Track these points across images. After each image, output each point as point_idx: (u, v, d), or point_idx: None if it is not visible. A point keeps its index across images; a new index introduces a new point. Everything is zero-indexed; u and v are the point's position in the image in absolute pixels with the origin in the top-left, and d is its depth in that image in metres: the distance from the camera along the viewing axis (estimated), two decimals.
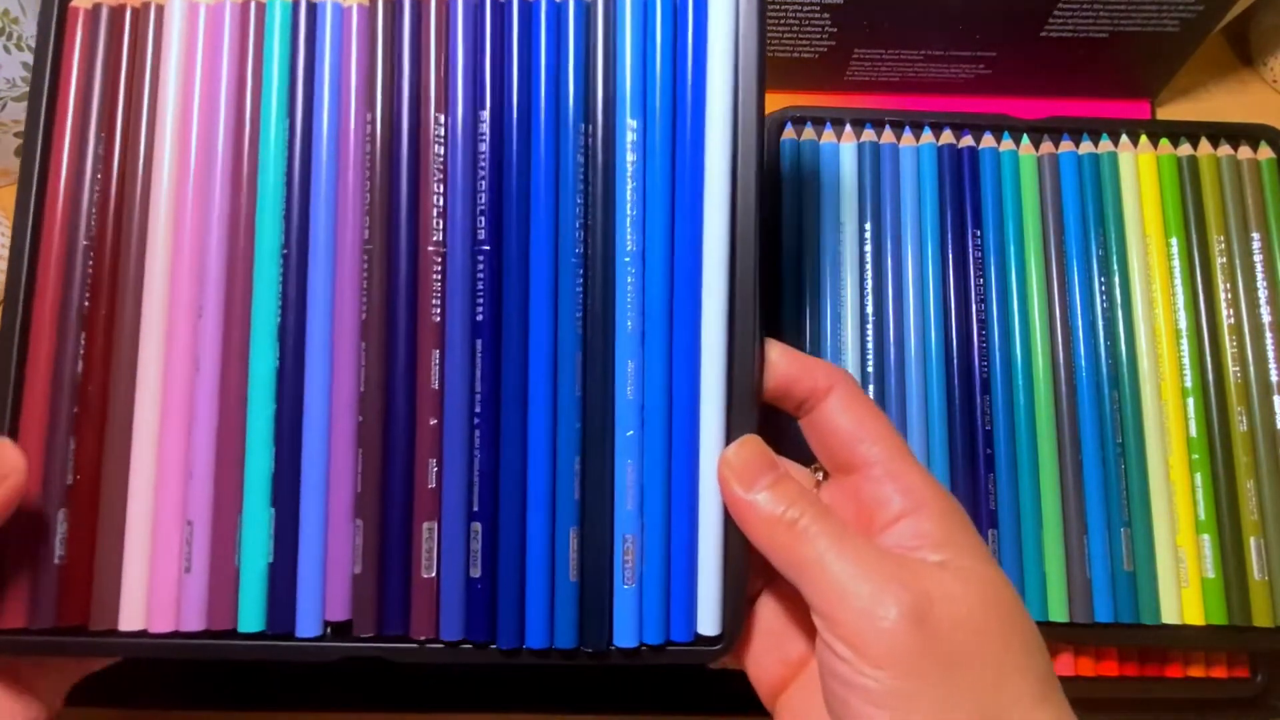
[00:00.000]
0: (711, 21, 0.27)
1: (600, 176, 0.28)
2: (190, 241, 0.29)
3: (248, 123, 0.29)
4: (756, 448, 0.26)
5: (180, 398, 0.29)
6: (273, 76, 0.29)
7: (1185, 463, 0.36)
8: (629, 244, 0.27)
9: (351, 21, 0.29)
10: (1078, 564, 0.35)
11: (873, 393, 0.36)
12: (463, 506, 0.28)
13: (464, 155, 0.28)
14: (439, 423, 0.28)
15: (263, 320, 0.28)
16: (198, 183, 0.29)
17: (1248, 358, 0.37)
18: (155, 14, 0.30)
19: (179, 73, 0.29)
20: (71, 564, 0.28)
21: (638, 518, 0.28)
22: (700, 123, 0.27)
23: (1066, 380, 0.36)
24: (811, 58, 0.45)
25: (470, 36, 0.28)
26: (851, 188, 0.38)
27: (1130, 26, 0.43)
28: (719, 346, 0.27)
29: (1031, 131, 0.40)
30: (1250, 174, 0.39)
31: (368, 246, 0.28)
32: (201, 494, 0.28)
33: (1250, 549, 0.35)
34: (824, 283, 0.37)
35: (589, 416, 0.28)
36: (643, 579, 0.28)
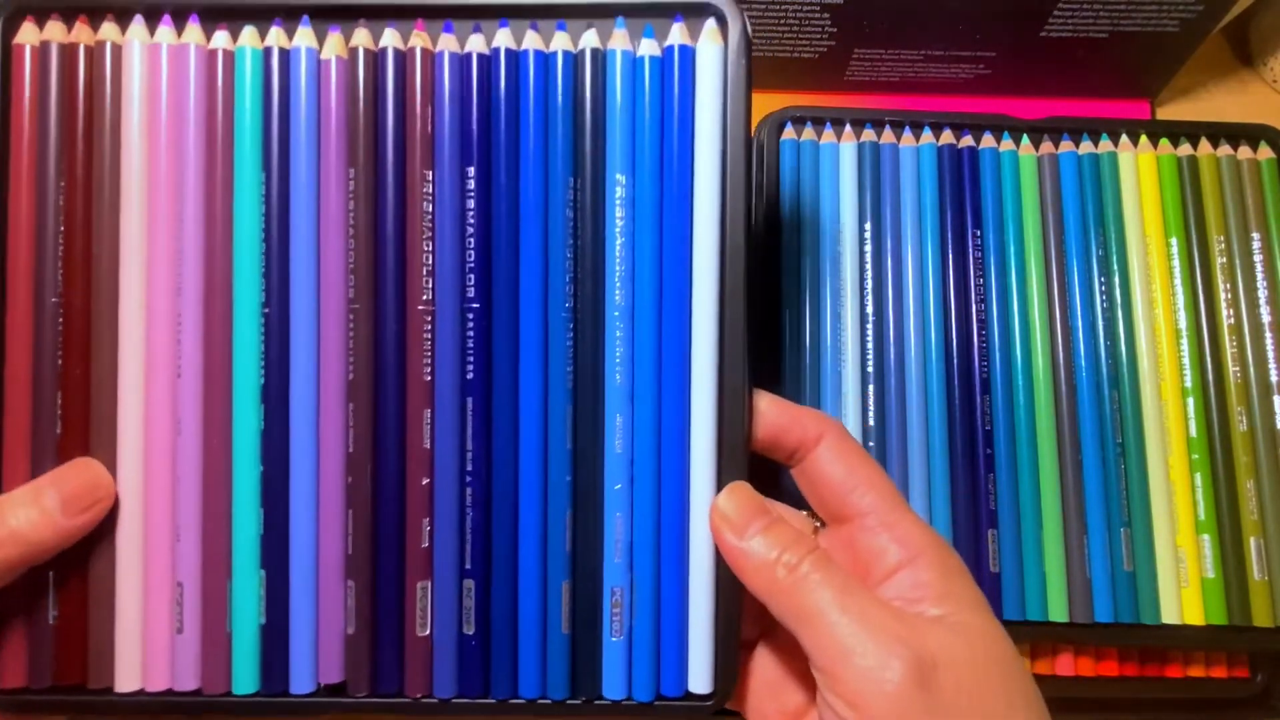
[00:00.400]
0: (700, 73, 0.27)
1: (589, 232, 0.28)
2: (164, 300, 0.28)
3: (220, 177, 0.28)
4: (746, 494, 0.26)
5: (162, 460, 0.28)
6: (245, 131, 0.28)
7: (1185, 463, 0.36)
8: (618, 299, 0.27)
9: (330, 73, 0.28)
10: (1078, 564, 0.35)
11: (873, 393, 0.36)
12: (455, 564, 0.28)
13: (452, 212, 0.28)
14: (430, 482, 0.28)
15: (245, 380, 0.28)
16: (169, 240, 0.28)
17: (1248, 358, 0.37)
18: (112, 54, 0.28)
19: (143, 121, 0.28)
20: (65, 623, 0.28)
21: (626, 571, 0.28)
22: (688, 177, 0.27)
23: (1066, 380, 0.36)
24: (811, 58, 0.45)
25: (456, 90, 0.28)
26: (851, 188, 0.38)
27: (1130, 26, 0.43)
28: (708, 399, 0.27)
29: (1031, 131, 0.40)
30: (1250, 174, 0.39)
31: (354, 305, 0.28)
32: (190, 556, 0.28)
33: (1250, 549, 0.35)
34: (824, 283, 0.37)
35: (579, 470, 0.28)
36: (631, 632, 0.28)
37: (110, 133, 0.28)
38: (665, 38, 0.27)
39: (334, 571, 0.28)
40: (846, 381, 0.36)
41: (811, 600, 0.23)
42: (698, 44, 0.27)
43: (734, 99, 0.27)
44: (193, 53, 0.28)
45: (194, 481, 0.28)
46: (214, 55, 0.28)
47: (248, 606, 0.28)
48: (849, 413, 0.36)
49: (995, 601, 0.35)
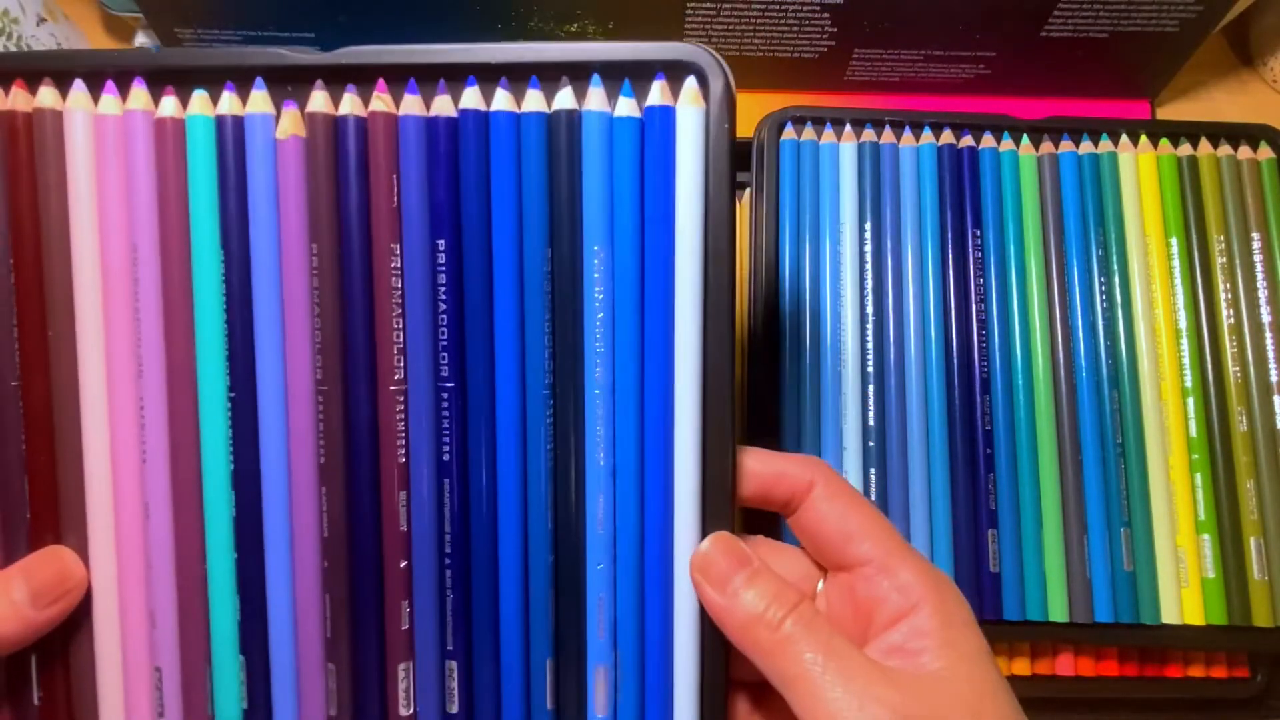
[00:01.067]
0: (680, 137, 0.25)
1: (567, 306, 0.26)
2: (125, 384, 0.26)
3: (175, 256, 0.26)
4: (725, 544, 0.25)
5: (133, 544, 0.27)
6: (201, 204, 0.26)
7: (1185, 463, 0.36)
8: (598, 376, 0.26)
9: (288, 148, 0.26)
10: (1078, 564, 0.35)
11: (873, 393, 0.36)
12: (437, 645, 0.27)
13: (422, 288, 0.26)
14: (409, 564, 0.27)
15: (214, 465, 0.27)
16: (127, 320, 0.26)
17: (1248, 358, 0.37)
18: (52, 122, 0.26)
19: (91, 197, 0.26)
20: (49, 705, 0.27)
21: (610, 649, 0.27)
22: (669, 247, 0.25)
23: (1066, 380, 0.36)
24: (811, 58, 0.45)
25: (423, 157, 0.26)
26: (851, 188, 0.38)
27: (1130, 26, 0.43)
28: (693, 473, 0.26)
29: (1031, 131, 0.40)
30: (1250, 174, 0.39)
31: (322, 387, 0.26)
32: (167, 640, 0.27)
33: (1250, 549, 0.35)
34: (824, 283, 0.37)
35: (560, 550, 0.27)
36: (617, 709, 0.27)
37: (57, 210, 0.26)
38: (645, 96, 0.25)
39: (314, 655, 0.27)
40: (846, 381, 0.36)
41: (796, 662, 0.23)
42: (678, 105, 0.25)
43: (715, 164, 0.25)
44: (140, 122, 0.26)
45: (167, 566, 0.27)
46: (163, 124, 0.26)
47: (229, 692, 0.28)
48: (849, 413, 0.36)
49: (995, 601, 0.35)
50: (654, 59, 0.25)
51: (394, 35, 0.43)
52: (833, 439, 0.36)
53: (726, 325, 0.25)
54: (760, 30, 0.43)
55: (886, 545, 0.25)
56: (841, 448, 0.36)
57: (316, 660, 0.27)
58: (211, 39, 0.44)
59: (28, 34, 0.44)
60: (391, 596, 0.27)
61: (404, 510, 0.27)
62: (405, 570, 0.27)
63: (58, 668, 0.27)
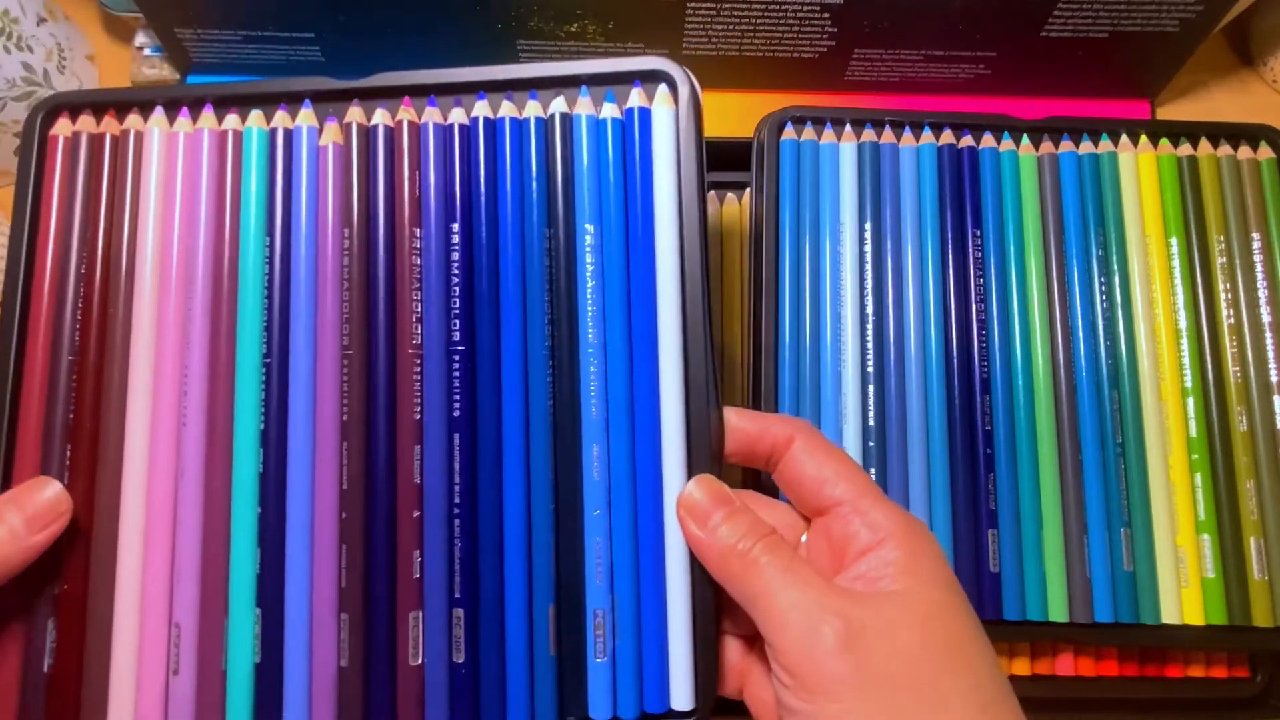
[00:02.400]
0: (655, 131, 0.30)
1: (563, 277, 0.30)
2: (172, 355, 0.30)
3: (227, 241, 0.30)
4: (709, 486, 0.28)
5: (164, 505, 0.29)
6: (250, 199, 0.31)
7: (1185, 463, 0.36)
8: (591, 338, 0.30)
9: (328, 152, 0.31)
10: (1078, 564, 0.35)
11: (872, 393, 0.36)
12: (445, 594, 0.29)
13: (438, 264, 0.30)
14: (421, 515, 0.29)
15: (245, 426, 0.29)
16: (179, 300, 0.30)
17: (1248, 358, 0.37)
18: (135, 140, 0.31)
19: (159, 196, 0.31)
20: (59, 671, 0.28)
21: (608, 593, 0.29)
22: (650, 223, 0.30)
23: (1066, 380, 0.36)
24: (811, 58, 0.45)
25: (440, 156, 0.31)
26: (851, 188, 0.38)
27: (1130, 26, 0.43)
28: (678, 424, 0.29)
29: (1031, 131, 0.40)
30: (1250, 174, 0.39)
31: (347, 352, 0.30)
32: (187, 597, 0.29)
33: (1250, 549, 0.35)
34: (824, 283, 0.37)
35: (560, 498, 0.29)
36: (615, 652, 0.29)
37: (131, 211, 0.31)
38: (625, 101, 0.31)
39: (328, 605, 0.29)
40: (846, 381, 0.36)
41: (759, 580, 0.25)
42: (653, 106, 0.30)
43: (686, 152, 0.30)
44: (206, 136, 0.31)
45: (195, 526, 0.29)
46: (224, 135, 0.31)
47: (243, 645, 0.29)
48: (849, 413, 0.36)
49: (995, 601, 0.35)
50: (631, 70, 0.30)
51: (394, 35, 0.43)
52: (832, 439, 0.36)
53: (701, 288, 0.29)
54: (760, 30, 0.43)
55: (859, 488, 0.27)
56: (841, 448, 0.36)
57: (330, 610, 0.29)
58: (211, 39, 0.44)
59: (28, 34, 0.44)
60: (404, 547, 0.29)
61: (418, 464, 0.29)
62: (418, 520, 0.29)
63: (73, 632, 0.29)
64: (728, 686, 0.29)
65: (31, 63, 0.44)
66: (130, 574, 0.29)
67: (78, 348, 0.30)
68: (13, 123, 0.44)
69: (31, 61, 0.44)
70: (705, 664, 0.28)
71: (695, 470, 0.29)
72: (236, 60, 0.45)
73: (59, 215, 0.31)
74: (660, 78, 0.30)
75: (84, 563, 0.29)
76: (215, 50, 0.45)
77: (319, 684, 0.29)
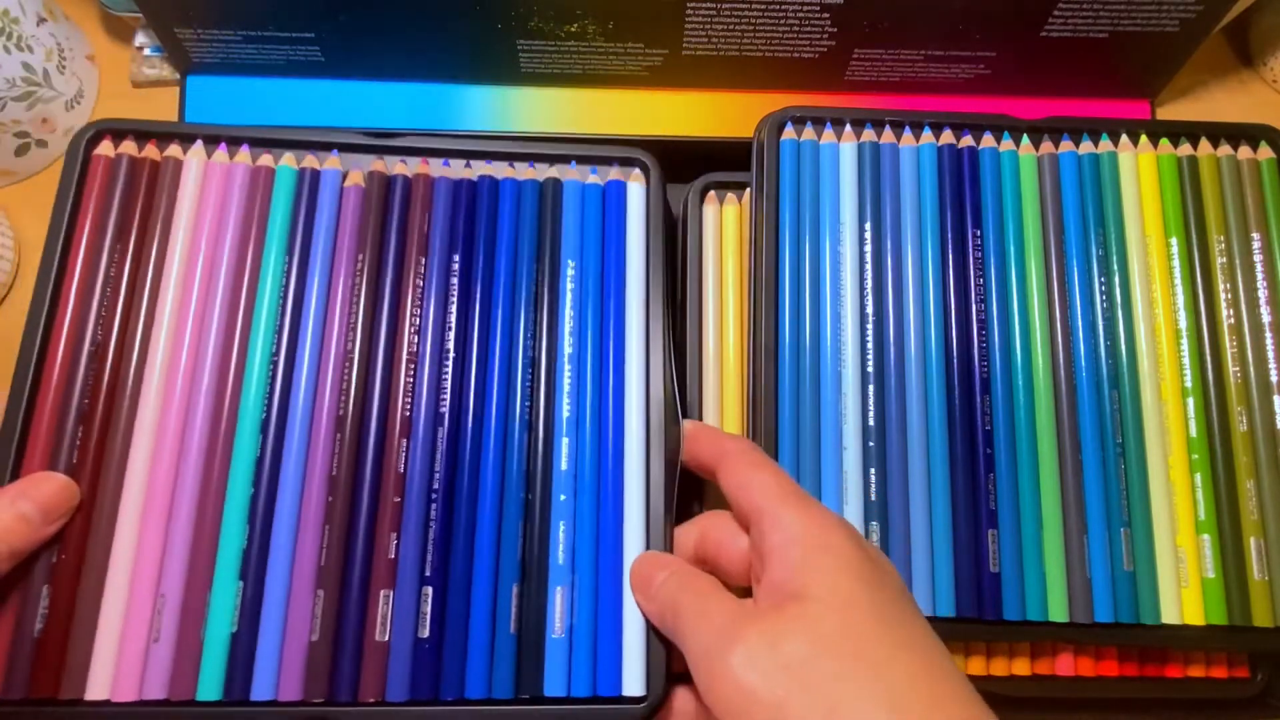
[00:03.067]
0: (629, 198, 0.37)
1: (546, 299, 0.35)
2: (188, 351, 0.33)
3: (250, 256, 0.34)
4: (649, 560, 0.32)
5: (165, 485, 0.32)
6: (276, 221, 0.35)
7: (1185, 463, 0.36)
8: (568, 349, 0.35)
9: (351, 192, 0.36)
10: (1078, 564, 0.35)
11: (872, 393, 0.36)
12: (416, 573, 0.32)
13: (439, 284, 0.35)
14: (401, 501, 0.32)
15: (249, 416, 0.33)
16: (200, 305, 0.34)
17: (1248, 358, 0.37)
18: (173, 167, 0.35)
19: (191, 214, 0.35)
20: (48, 637, 0.30)
21: (569, 573, 0.32)
22: (622, 261, 0.36)
23: (1066, 380, 0.36)
24: (811, 58, 0.45)
25: (448, 203, 0.36)
26: (851, 188, 0.38)
27: (1130, 26, 0.43)
28: (639, 429, 0.34)
29: (1031, 131, 0.40)
30: (1250, 174, 0.39)
31: (350, 354, 0.34)
32: (175, 569, 0.31)
33: (1250, 549, 0.35)
34: (824, 283, 0.37)
35: (530, 487, 0.33)
36: (572, 631, 0.32)
37: (164, 216, 0.34)
38: (607, 174, 0.38)
39: (306, 581, 0.31)
40: (846, 381, 0.36)
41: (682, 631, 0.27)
42: (628, 181, 0.37)
43: (653, 214, 0.37)
44: (240, 170, 0.35)
45: (190, 504, 0.32)
46: (258, 171, 0.36)
47: (222, 615, 0.31)
48: (849, 413, 0.36)
49: (995, 601, 0.35)
50: (612, 155, 0.38)
51: (394, 35, 0.43)
52: (833, 439, 0.36)
53: (663, 316, 0.35)
54: (760, 30, 0.43)
55: (777, 494, 0.28)
56: (841, 448, 0.36)
57: (308, 586, 0.31)
58: (211, 39, 0.44)
59: (28, 34, 0.44)
60: (381, 529, 0.32)
61: (404, 455, 0.33)
62: (398, 506, 0.32)
63: (64, 600, 0.30)
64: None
65: (31, 63, 0.44)
66: (125, 547, 0.31)
67: (99, 341, 0.33)
68: (12, 123, 0.44)
69: (31, 61, 0.44)
70: (656, 655, 0.31)
71: (652, 473, 0.33)
72: (236, 60, 0.45)
73: (93, 225, 0.34)
74: (635, 162, 0.38)
75: (83, 536, 0.31)
76: (215, 50, 0.45)
77: (289, 655, 0.31)
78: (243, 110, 0.46)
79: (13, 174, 0.47)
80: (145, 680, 0.30)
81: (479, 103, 0.47)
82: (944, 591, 0.34)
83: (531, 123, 0.46)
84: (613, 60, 0.45)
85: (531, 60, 0.45)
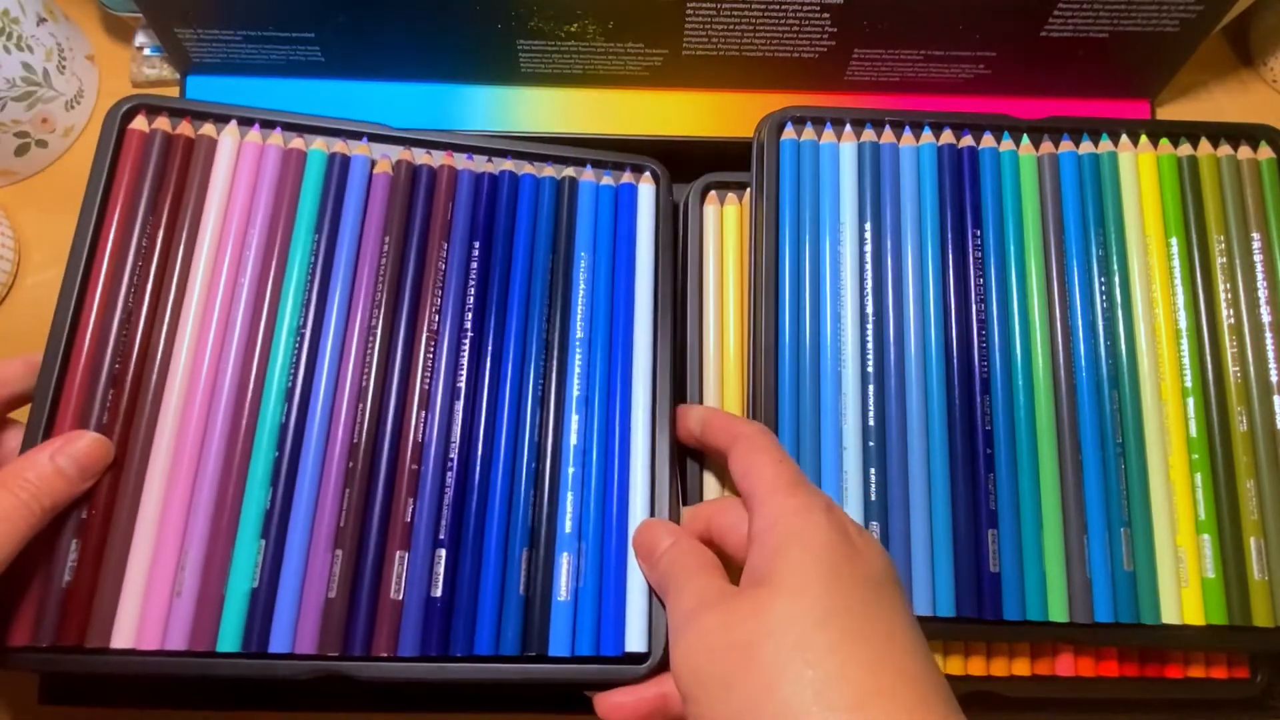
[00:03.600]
0: (640, 199, 0.40)
1: (561, 285, 0.37)
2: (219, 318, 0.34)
3: (280, 232, 0.36)
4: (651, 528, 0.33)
5: (193, 447, 0.33)
6: (307, 197, 0.36)
7: (1185, 463, 0.36)
8: (579, 333, 0.37)
9: (377, 186, 0.37)
10: (1078, 564, 0.35)
11: (872, 392, 0.36)
12: (431, 536, 0.33)
13: (459, 268, 0.37)
14: (419, 468, 0.34)
15: (275, 383, 0.34)
16: (230, 277, 0.35)
17: (1248, 358, 0.37)
18: (206, 145, 0.36)
19: (223, 190, 0.36)
20: (76, 588, 0.31)
21: (575, 541, 0.34)
22: (631, 251, 0.39)
23: (1066, 380, 0.36)
24: (811, 58, 0.45)
25: (470, 193, 0.38)
26: (851, 188, 0.38)
27: (1130, 26, 0.43)
28: (645, 408, 0.36)
29: (1031, 131, 0.40)
30: (1250, 174, 0.39)
31: (373, 329, 0.35)
32: (201, 527, 0.32)
33: (1250, 549, 0.35)
34: (824, 283, 0.37)
35: (541, 458, 0.35)
36: (578, 594, 0.34)
37: (197, 192, 0.35)
38: (620, 177, 0.40)
39: (325, 541, 0.33)
40: (846, 381, 0.36)
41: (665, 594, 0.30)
42: (639, 184, 0.40)
43: (663, 214, 0.39)
44: (272, 151, 0.37)
45: (217, 465, 0.33)
46: (290, 153, 0.37)
47: (243, 571, 0.32)
48: (849, 413, 0.36)
49: (995, 601, 0.35)
50: (625, 161, 0.40)
51: (394, 35, 0.43)
52: (833, 439, 0.36)
53: (670, 308, 0.38)
54: (760, 30, 0.43)
55: (770, 482, 0.29)
56: (841, 448, 0.36)
57: (326, 546, 0.33)
58: (211, 39, 0.44)
59: (28, 34, 0.44)
60: (399, 493, 0.34)
61: (421, 426, 0.34)
62: (415, 472, 0.34)
63: (92, 553, 0.32)
64: None
65: (31, 63, 0.44)
66: (152, 505, 0.32)
67: (130, 308, 0.33)
68: (12, 123, 0.44)
69: (31, 61, 0.44)
70: (660, 616, 0.33)
71: (658, 450, 0.35)
72: (236, 60, 0.45)
73: (126, 198, 0.34)
74: (645, 168, 0.40)
75: (112, 493, 0.32)
76: (215, 50, 0.45)
77: (306, 611, 0.32)
78: None
79: (13, 174, 0.47)
80: (168, 631, 0.31)
81: (479, 103, 0.47)
82: (944, 591, 0.34)
83: (531, 123, 0.46)
84: (613, 60, 0.45)
85: (531, 60, 0.45)
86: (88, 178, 0.34)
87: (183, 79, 0.47)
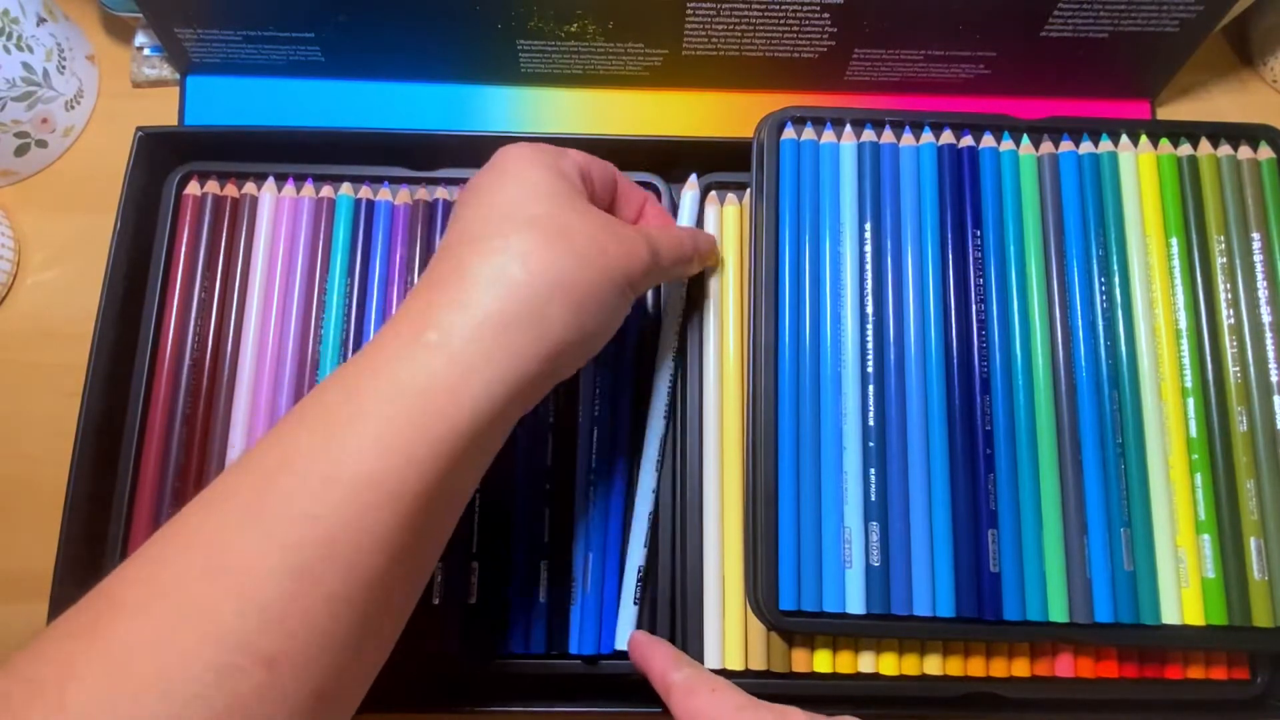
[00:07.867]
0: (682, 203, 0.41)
1: None
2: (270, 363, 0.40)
3: (318, 272, 0.41)
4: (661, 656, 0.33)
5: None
6: (338, 240, 0.41)
7: (1185, 463, 0.36)
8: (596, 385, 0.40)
9: (401, 211, 0.42)
10: (1078, 564, 0.35)
11: (872, 393, 0.36)
12: (465, 551, 0.37)
13: None
14: None
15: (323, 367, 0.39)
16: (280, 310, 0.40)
17: (1248, 358, 0.37)
18: (250, 203, 0.42)
19: (267, 239, 0.41)
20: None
21: (584, 554, 0.38)
22: None
23: (1066, 380, 0.36)
24: (811, 58, 0.45)
25: None
26: (851, 188, 0.38)
27: (1130, 26, 0.43)
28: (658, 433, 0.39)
29: (1031, 131, 0.39)
30: (1250, 174, 0.39)
31: None
32: None
33: (1250, 549, 0.35)
34: (824, 283, 0.37)
35: (557, 482, 0.38)
36: (583, 602, 0.37)
37: (245, 241, 0.41)
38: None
39: None
40: (846, 382, 0.36)
41: None
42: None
43: None
44: (306, 202, 0.42)
45: None
46: (321, 201, 0.42)
47: None
48: (849, 413, 0.36)
49: (995, 601, 0.35)
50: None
51: (393, 35, 0.43)
52: (833, 439, 0.36)
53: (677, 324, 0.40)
54: (760, 30, 0.43)
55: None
56: (841, 448, 0.36)
57: None
58: (211, 39, 0.44)
59: (28, 34, 0.44)
60: None
61: None
62: None
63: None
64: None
65: (31, 63, 0.44)
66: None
67: (195, 356, 0.40)
68: (13, 123, 0.44)
69: (31, 61, 0.44)
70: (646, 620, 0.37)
71: None
72: (236, 60, 0.45)
73: (188, 251, 0.41)
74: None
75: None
76: (215, 50, 0.45)
77: None
78: (243, 111, 0.46)
79: (13, 174, 0.47)
80: None
81: (479, 103, 0.47)
82: (944, 591, 0.34)
83: (531, 123, 0.46)
84: (613, 60, 0.45)
85: (531, 60, 0.45)
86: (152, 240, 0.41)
87: (183, 79, 0.47)
